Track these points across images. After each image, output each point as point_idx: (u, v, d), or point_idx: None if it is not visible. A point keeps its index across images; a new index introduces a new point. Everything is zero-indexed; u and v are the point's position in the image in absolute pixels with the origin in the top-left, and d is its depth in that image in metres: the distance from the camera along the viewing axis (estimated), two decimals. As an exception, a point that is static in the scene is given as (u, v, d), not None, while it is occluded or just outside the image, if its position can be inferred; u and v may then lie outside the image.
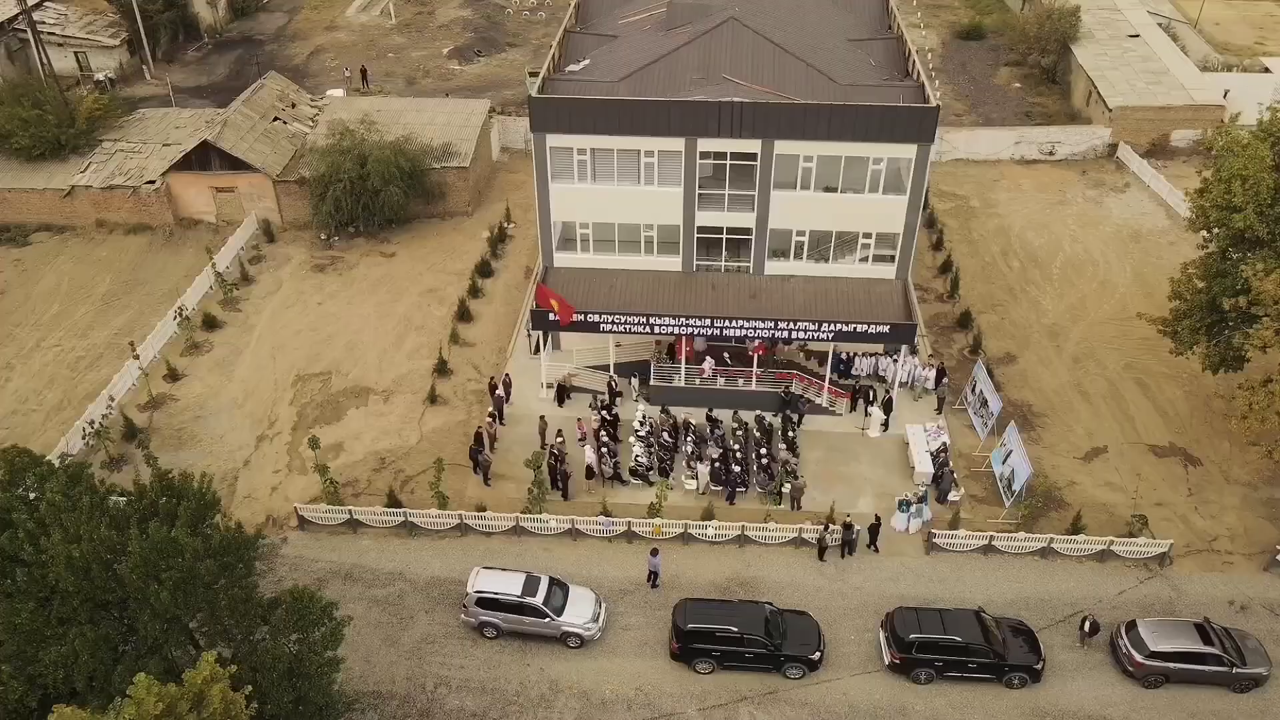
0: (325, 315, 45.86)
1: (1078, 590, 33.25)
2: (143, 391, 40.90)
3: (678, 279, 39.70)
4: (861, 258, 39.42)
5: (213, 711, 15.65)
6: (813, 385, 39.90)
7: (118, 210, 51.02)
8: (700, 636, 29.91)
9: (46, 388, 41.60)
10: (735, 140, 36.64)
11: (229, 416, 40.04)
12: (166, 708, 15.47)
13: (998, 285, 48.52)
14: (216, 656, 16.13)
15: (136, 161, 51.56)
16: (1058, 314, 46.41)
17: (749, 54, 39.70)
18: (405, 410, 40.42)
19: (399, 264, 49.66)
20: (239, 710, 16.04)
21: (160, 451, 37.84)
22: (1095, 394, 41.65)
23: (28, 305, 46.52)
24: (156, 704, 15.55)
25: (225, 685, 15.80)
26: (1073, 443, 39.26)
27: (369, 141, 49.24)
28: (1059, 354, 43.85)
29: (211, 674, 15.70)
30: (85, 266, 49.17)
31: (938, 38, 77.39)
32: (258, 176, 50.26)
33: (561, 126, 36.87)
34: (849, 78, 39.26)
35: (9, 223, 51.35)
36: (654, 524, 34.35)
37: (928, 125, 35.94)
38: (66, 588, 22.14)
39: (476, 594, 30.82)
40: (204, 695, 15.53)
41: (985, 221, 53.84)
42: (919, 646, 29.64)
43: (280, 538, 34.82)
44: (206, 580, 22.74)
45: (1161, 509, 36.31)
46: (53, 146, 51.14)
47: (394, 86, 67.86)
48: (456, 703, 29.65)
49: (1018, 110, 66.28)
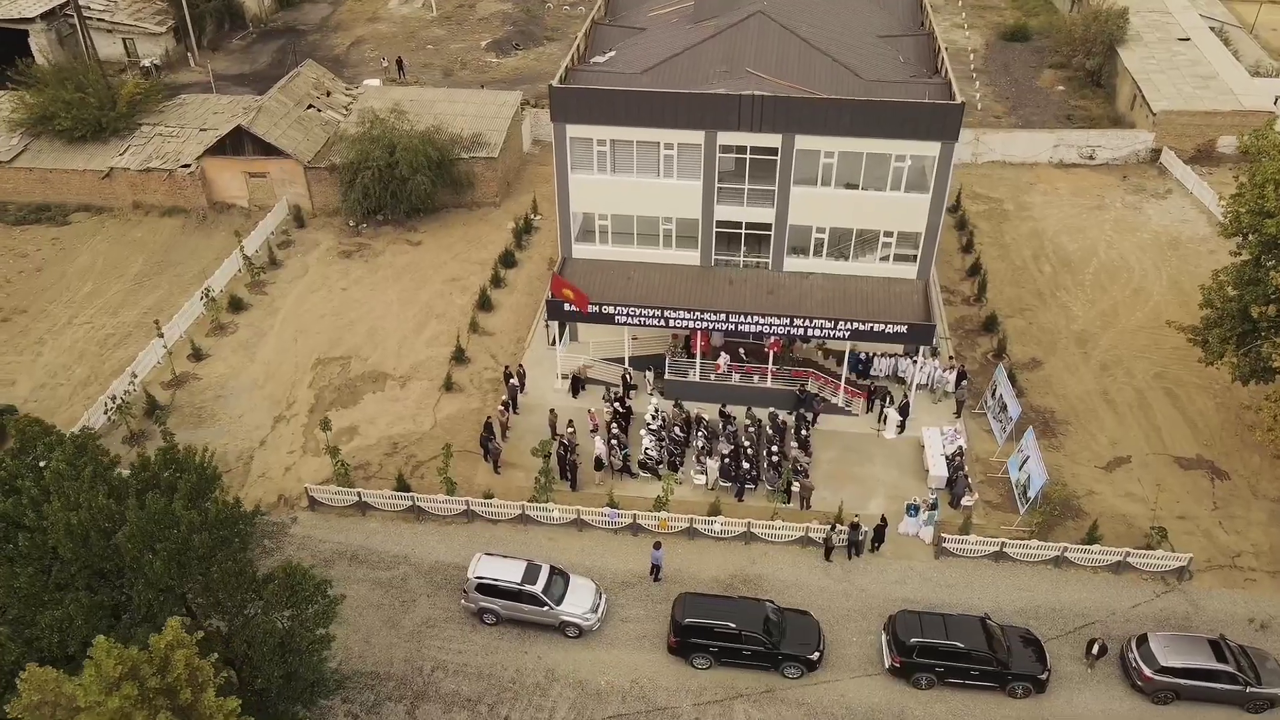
0: (349, 301, 46.33)
1: (1090, 601, 32.46)
2: (167, 369, 41.63)
3: (695, 273, 39.48)
4: (882, 256, 38.86)
5: (177, 676, 15.80)
6: (829, 384, 39.44)
7: (154, 192, 52.04)
8: (698, 632, 29.69)
9: (76, 363, 42.53)
10: (755, 134, 36.32)
11: (249, 397, 40.61)
12: (129, 670, 15.66)
13: (1027, 289, 47.58)
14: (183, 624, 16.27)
15: (173, 145, 52.54)
16: (1088, 320, 45.39)
17: (774, 48, 39.35)
18: (421, 396, 40.69)
19: (424, 252, 50.04)
20: (206, 677, 16.21)
21: (180, 429, 38.69)
22: (1122, 403, 40.65)
23: (63, 282, 47.63)
24: (116, 666, 15.75)
25: (191, 652, 15.96)
26: (1095, 451, 38.35)
27: (398, 130, 49.65)
28: (1086, 361, 42.87)
29: (175, 639, 15.87)
30: (120, 246, 50.22)
31: (981, 39, 76.21)
32: (289, 162, 50.94)
33: (582, 117, 36.84)
34: (875, 74, 38.72)
35: (50, 202, 52.62)
36: (659, 517, 34.18)
37: (952, 122, 35.33)
38: (65, 554, 22.56)
39: (477, 580, 30.90)
40: (168, 660, 15.69)
41: (1018, 225, 52.83)
42: (920, 650, 29.13)
43: (290, 517, 35.24)
44: (200, 552, 23.01)
45: (1184, 522, 35.33)
46: (94, 129, 52.29)
47: (431, 78, 68.42)
48: (452, 686, 29.75)
49: (1059, 113, 64.99)
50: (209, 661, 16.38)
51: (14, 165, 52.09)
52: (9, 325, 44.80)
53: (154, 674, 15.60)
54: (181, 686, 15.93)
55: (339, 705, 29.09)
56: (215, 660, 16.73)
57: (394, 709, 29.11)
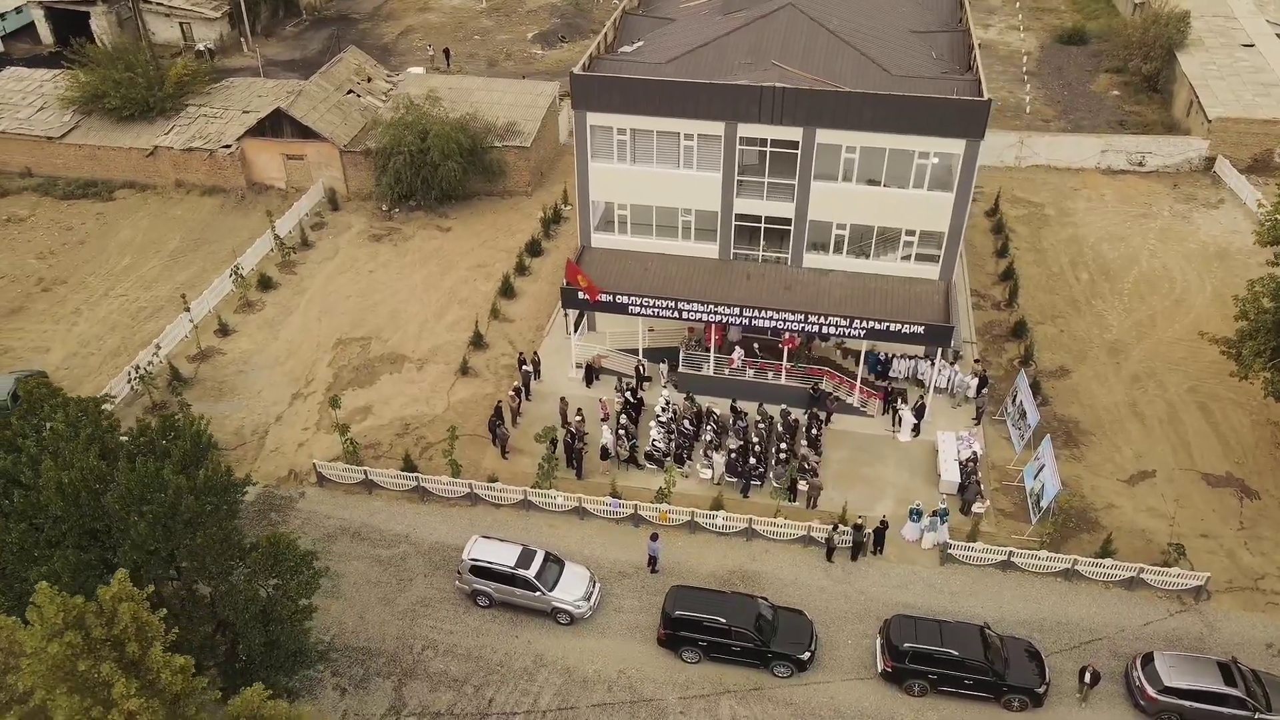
0: (375, 283, 46.88)
1: (1100, 617, 31.44)
2: (194, 343, 42.53)
3: (713, 266, 39.13)
4: (904, 256, 38.10)
5: (123, 629, 16.05)
6: (844, 384, 38.81)
7: (195, 171, 53.24)
8: (687, 625, 29.40)
9: (108, 334, 43.68)
10: (776, 127, 35.87)
11: (269, 373, 41.31)
12: (74, 618, 15.97)
13: (1061, 296, 46.30)
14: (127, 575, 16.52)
15: (216, 126, 53.68)
16: (1122, 330, 44.01)
17: (802, 41, 38.83)
18: (436, 379, 40.99)
19: (453, 238, 50.42)
20: (155, 631, 16.43)
21: (201, 401, 39.54)
22: (1151, 415, 39.33)
23: (102, 256, 48.97)
24: (58, 613, 16.08)
25: (137, 606, 16.21)
26: (1118, 464, 37.16)
27: (432, 116, 50.07)
28: (1117, 371, 41.56)
29: (121, 592, 16.13)
30: (160, 223, 51.47)
31: (1036, 41, 74.46)
32: (326, 145, 51.73)
33: (602, 105, 36.74)
34: (904, 69, 37.98)
35: (97, 178, 54.15)
36: (660, 509, 33.94)
37: (977, 119, 34.50)
38: (56, 512, 23.14)
39: (471, 561, 31.00)
40: (115, 612, 15.96)
41: (1058, 231, 51.45)
42: (913, 656, 28.48)
43: (299, 492, 35.74)
44: (186, 517, 23.40)
45: (1206, 540, 34.06)
46: (141, 108, 53.67)
47: (475, 68, 68.93)
48: (441, 666, 29.88)
49: (1112, 118, 63.20)
50: (158, 617, 16.61)
51: (65, 141, 53.70)
52: (49, 295, 46.19)
53: (100, 624, 15.89)
54: (128, 639, 16.19)
55: (328, 678, 29.41)
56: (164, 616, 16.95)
57: (381, 685, 29.33)
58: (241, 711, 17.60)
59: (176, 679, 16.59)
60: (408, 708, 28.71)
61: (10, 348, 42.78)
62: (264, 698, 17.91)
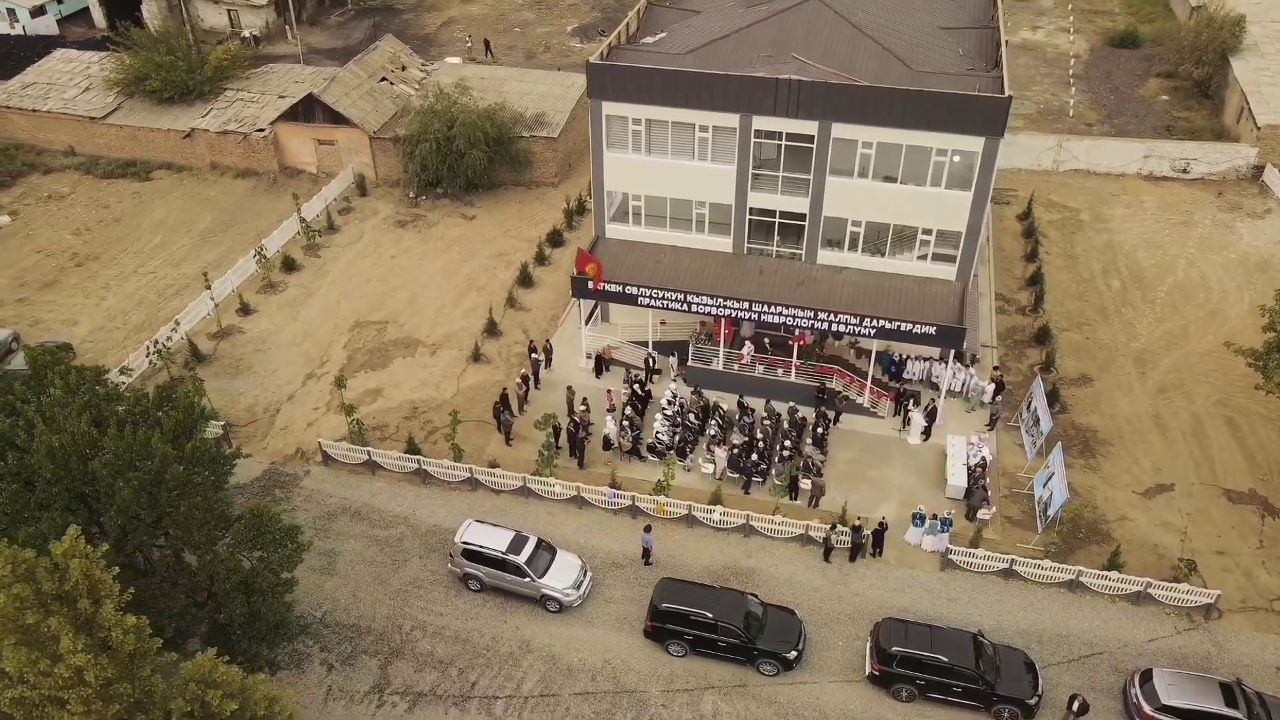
0: (396, 268, 47.31)
1: (1102, 631, 30.53)
2: (215, 321, 43.31)
3: (726, 260, 38.79)
4: (920, 255, 37.38)
5: (74, 584, 16.32)
6: (854, 383, 38.24)
7: (229, 154, 54.24)
8: (674, 618, 29.16)
9: (134, 309, 44.68)
10: (791, 120, 35.42)
11: (285, 353, 41.90)
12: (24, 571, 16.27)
13: (1090, 303, 45.10)
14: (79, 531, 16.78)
15: (252, 110, 54.62)
16: (1151, 339, 42.73)
17: (825, 34, 38.30)
18: (448, 365, 41.23)
19: (476, 227, 50.69)
20: (108, 590, 16.69)
21: (218, 378, 40.28)
22: (1174, 427, 38.13)
23: (136, 234, 50.11)
24: (6, 565, 16.38)
25: (89, 563, 16.45)
26: (1135, 476, 36.07)
27: (460, 105, 50.38)
28: (1142, 381, 40.36)
29: (72, 548, 16.39)
30: (193, 204, 52.53)
31: (1086, 43, 72.67)
32: (356, 131, 52.34)
33: (617, 94, 36.61)
34: (927, 65, 37.26)
35: (136, 158, 55.45)
36: (658, 501, 33.73)
37: (997, 117, 33.69)
38: (46, 475, 23.63)
39: (463, 545, 31.09)
40: (66, 567, 16.24)
41: (1092, 236, 50.13)
42: (901, 660, 27.91)
43: (304, 470, 36.18)
44: (171, 486, 23.76)
45: (1222, 558, 32.90)
46: (181, 91, 54.84)
47: (513, 59, 69.26)
48: (428, 647, 30.01)
49: (1159, 124, 61.41)
50: (110, 575, 16.87)
51: (107, 122, 55.08)
52: (81, 270, 47.41)
53: (51, 580, 16.17)
54: (80, 596, 16.47)
55: (316, 653, 29.73)
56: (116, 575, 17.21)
57: (368, 662, 29.54)
58: (193, 676, 17.82)
59: (128, 638, 16.84)
60: (391, 686, 28.88)
61: (41, 319, 43.96)
62: (216, 664, 18.09)
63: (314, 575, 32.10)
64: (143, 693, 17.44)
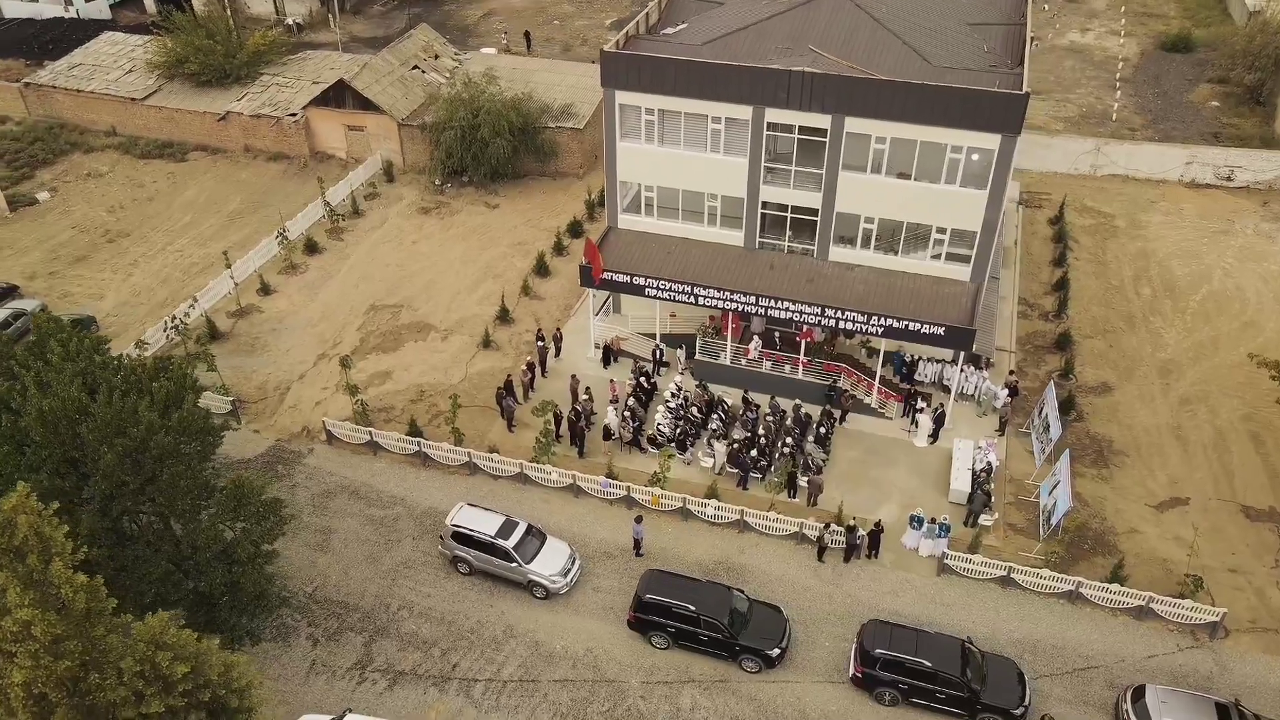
0: (415, 254, 47.69)
1: (1100, 644, 29.63)
2: (234, 300, 44.05)
3: (737, 254, 38.42)
4: (934, 254, 36.64)
5: (22, 539, 16.64)
6: (862, 383, 37.63)
7: (263, 138, 55.15)
8: (657, 610, 28.93)
9: (159, 286, 45.64)
10: (804, 113, 34.95)
11: (301, 333, 42.46)
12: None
13: (1117, 311, 43.86)
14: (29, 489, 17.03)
15: (286, 95, 55.48)
16: (1178, 350, 41.43)
17: (845, 27, 37.73)
18: (458, 350, 41.44)
19: (499, 215, 50.89)
20: (59, 546, 16.97)
21: (233, 355, 40.96)
22: (1195, 441, 36.91)
23: (167, 212, 51.19)
24: (-49, 520, 16.78)
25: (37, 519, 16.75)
26: (1149, 488, 34.98)
27: (487, 94, 50.61)
28: (1165, 392, 39.14)
29: (21, 504, 16.70)
30: (225, 185, 53.52)
31: (1137, 47, 70.74)
32: (385, 118, 52.87)
33: (630, 84, 36.44)
34: (948, 60, 36.49)
35: (174, 140, 56.67)
36: (653, 493, 33.52)
37: (1013, 114, 32.87)
38: (36, 438, 24.19)
39: (453, 527, 31.19)
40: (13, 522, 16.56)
41: (1126, 243, 48.76)
42: (884, 664, 27.37)
43: (308, 448, 36.61)
44: (155, 454, 24.16)
45: (1234, 575, 31.76)
46: (218, 74, 55.93)
47: (550, 52, 69.42)
48: (412, 628, 30.16)
49: (1206, 130, 59.53)
50: (61, 533, 17.18)
51: (147, 103, 56.35)
52: (112, 246, 48.54)
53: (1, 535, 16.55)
54: (30, 551, 16.79)
55: (303, 628, 30.03)
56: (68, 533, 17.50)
57: (352, 639, 29.77)
58: (143, 637, 18.07)
59: (79, 596, 17.14)
60: (374, 663, 29.07)
61: (70, 293, 45.10)
62: (168, 626, 18.33)
63: (308, 551, 32.49)
64: (96, 651, 17.73)
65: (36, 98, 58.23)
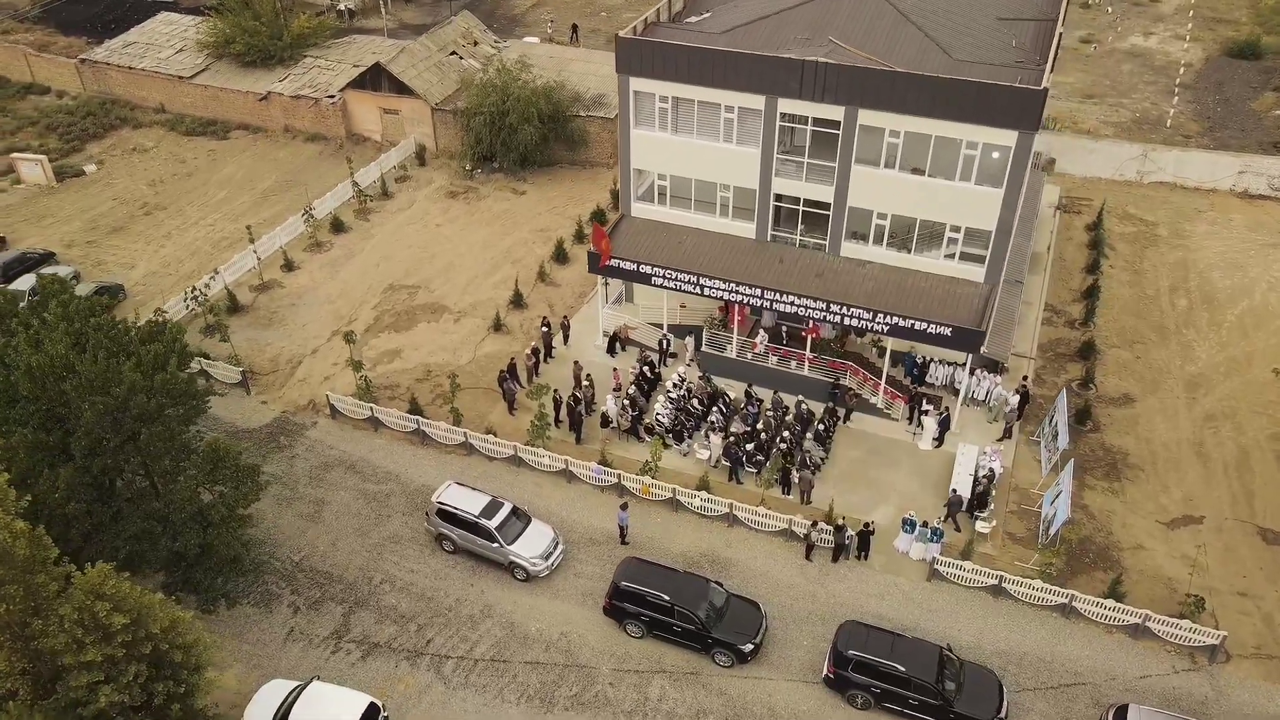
0: (438, 236, 48.11)
1: (1090, 661, 28.57)
2: (258, 274, 44.93)
3: (747, 247, 37.91)
4: (948, 254, 35.69)
5: (-33, 488, 17.17)
6: (868, 382, 36.88)
7: (301, 118, 56.17)
8: (632, 598, 28.69)
9: (189, 258, 46.77)
10: (817, 104, 34.34)
11: (318, 309, 43.12)
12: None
13: (1149, 322, 42.30)
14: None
15: (326, 77, 56.42)
16: (1210, 364, 39.79)
17: (867, 18, 36.97)
18: (469, 332, 41.67)
19: (525, 202, 51.08)
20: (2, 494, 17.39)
21: (250, 328, 41.81)
22: (1217, 458, 35.41)
23: (204, 188, 52.44)
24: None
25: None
26: (1161, 504, 33.64)
27: (519, 81, 50.80)
28: (1189, 407, 37.62)
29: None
30: (262, 163, 54.64)
31: (1202, 52, 68.22)
32: (419, 102, 53.43)
33: (645, 70, 36.23)
34: (971, 54, 35.50)
35: (217, 118, 58.04)
36: (643, 482, 33.27)
37: (1030, 110, 31.82)
38: (24, 392, 24.89)
39: (439, 505, 31.34)
40: (-41, 475, 17.06)
41: (1166, 253, 47.00)
42: (856, 665, 26.75)
43: (312, 421, 37.14)
44: (135, 413, 24.69)
45: (1243, 599, 30.37)
46: (263, 55, 57.15)
47: (595, 43, 69.38)
48: (392, 601, 30.39)
49: (1266, 139, 57.12)
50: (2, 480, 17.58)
51: (193, 82, 57.79)
52: (149, 218, 49.91)
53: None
54: (-30, 499, 17.30)
55: (286, 595, 30.46)
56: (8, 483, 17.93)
57: (332, 609, 30.10)
58: (82, 586, 18.46)
59: (19, 543, 17.57)
60: (350, 634, 29.36)
61: (103, 261, 46.48)
62: (108, 577, 18.70)
63: (300, 521, 32.97)
64: (38, 598, 18.17)
65: (92, 74, 60.16)
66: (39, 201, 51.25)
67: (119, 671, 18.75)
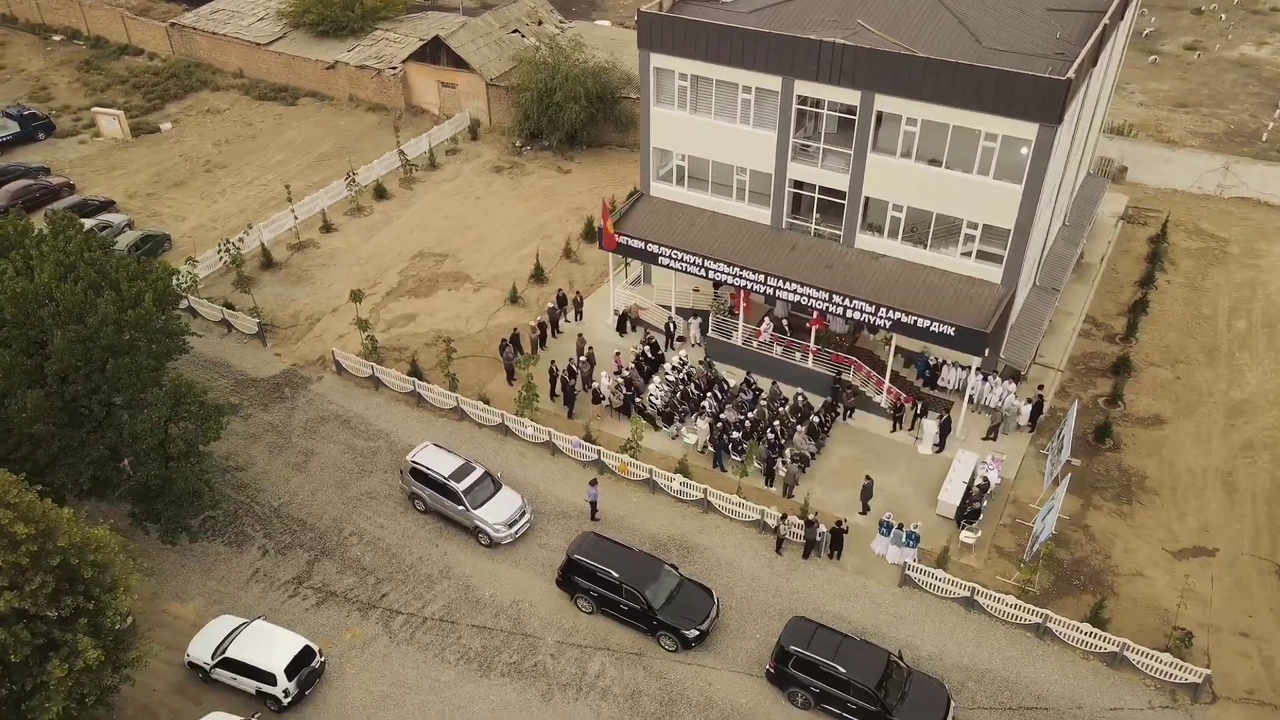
0: (476, 208, 48.62)
1: (1059, 687, 26.81)
2: (295, 234, 46.28)
3: (761, 233, 37.03)
4: (964, 251, 34.06)
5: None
6: (871, 379, 35.54)
7: (365, 88, 57.61)
8: (582, 571, 28.36)
9: (237, 214, 48.52)
10: (834, 88, 33.23)
11: (346, 270, 44.12)
12: None
13: (1199, 341, 39.53)
14: None
15: (391, 49, 57.71)
16: (1259, 390, 36.94)
17: (899, 2, 35.60)
18: (486, 302, 41.97)
19: (567, 180, 51.16)
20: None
21: (280, 284, 43.11)
22: (1246, 490, 32.83)
23: (265, 150, 54.35)
24: None
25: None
26: (1173, 532, 31.37)
27: (570, 60, 50.88)
28: (1226, 433, 34.98)
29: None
30: (323, 130, 56.28)
31: (1306, 60, 63.45)
32: (475, 77, 54.10)
33: (665, 47, 35.72)
34: (1004, 43, 33.77)
35: (289, 85, 60.07)
36: (621, 460, 32.86)
37: (1052, 102, 30.05)
38: (8, 316, 26.18)
39: (412, 464, 31.63)
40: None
41: (1233, 272, 43.83)
42: (796, 662, 25.78)
43: (317, 376, 38.02)
44: (104, 343, 25.67)
45: (1243, 640, 28.05)
46: (334, 26, 58.80)
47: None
48: (357, 553, 30.82)
49: (1371, 159, 52.63)
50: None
51: (269, 49, 59.93)
52: (208, 175, 52.00)
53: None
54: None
55: (259, 538, 31.25)
56: None
57: (299, 555, 30.73)
58: (-17, 494, 19.27)
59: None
60: (310, 580, 29.91)
61: (159, 213, 48.64)
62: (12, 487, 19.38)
63: (286, 469, 33.79)
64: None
65: (180, 37, 63.07)
66: (113, 154, 54.03)
67: (25, 580, 19.52)
